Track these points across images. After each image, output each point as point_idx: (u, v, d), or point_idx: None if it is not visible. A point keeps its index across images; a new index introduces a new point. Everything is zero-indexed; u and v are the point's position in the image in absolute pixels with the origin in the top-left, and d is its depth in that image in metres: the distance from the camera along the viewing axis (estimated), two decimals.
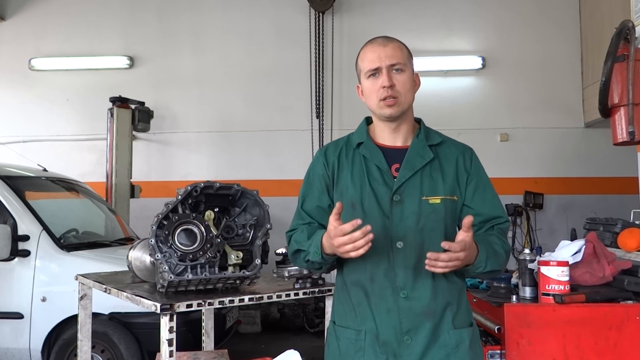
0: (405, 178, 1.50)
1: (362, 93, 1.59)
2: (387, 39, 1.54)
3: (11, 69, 6.45)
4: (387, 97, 1.49)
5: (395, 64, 1.50)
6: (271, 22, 6.33)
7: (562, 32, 6.12)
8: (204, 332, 2.72)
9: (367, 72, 1.52)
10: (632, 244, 2.42)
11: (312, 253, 1.48)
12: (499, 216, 1.57)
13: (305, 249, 1.51)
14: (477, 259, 1.42)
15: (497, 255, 1.48)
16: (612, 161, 5.75)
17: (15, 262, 3.43)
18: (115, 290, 1.97)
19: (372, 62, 1.51)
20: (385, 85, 1.48)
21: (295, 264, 1.62)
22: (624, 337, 2.03)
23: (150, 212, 2.07)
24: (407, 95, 1.52)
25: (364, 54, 1.55)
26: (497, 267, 1.49)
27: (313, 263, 1.51)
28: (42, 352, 3.38)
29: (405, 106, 1.52)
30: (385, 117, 1.54)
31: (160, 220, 1.76)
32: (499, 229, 1.56)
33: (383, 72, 1.49)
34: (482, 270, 1.46)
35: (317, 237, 1.47)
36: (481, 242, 1.46)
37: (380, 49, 1.51)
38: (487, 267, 1.45)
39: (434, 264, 1.34)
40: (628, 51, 2.63)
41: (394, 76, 1.50)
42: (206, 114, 6.30)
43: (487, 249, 1.46)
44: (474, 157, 1.61)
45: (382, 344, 1.47)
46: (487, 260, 1.45)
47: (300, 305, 5.56)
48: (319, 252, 1.45)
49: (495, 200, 1.59)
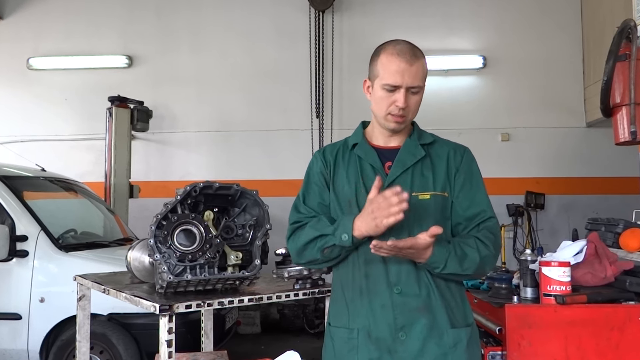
0: (396, 175, 1.53)
1: (369, 90, 1.59)
2: (414, 55, 1.52)
3: (9, 68, 6.44)
4: (397, 115, 1.52)
5: (415, 86, 1.51)
6: (271, 21, 6.32)
7: (563, 31, 6.11)
8: (203, 333, 2.71)
9: (385, 84, 1.51)
10: (634, 244, 2.41)
11: (338, 236, 1.47)
12: (483, 212, 1.55)
13: (329, 233, 1.50)
14: (431, 258, 1.42)
15: (465, 260, 1.46)
16: (613, 161, 5.74)
17: (13, 263, 3.42)
18: (114, 291, 1.96)
19: (394, 78, 1.49)
20: (400, 106, 1.50)
21: (303, 255, 1.56)
22: (625, 338, 2.02)
23: (149, 212, 2.06)
24: (414, 113, 1.57)
25: (388, 63, 1.51)
26: (461, 270, 1.47)
27: (334, 249, 1.50)
28: (41, 353, 3.37)
29: (409, 122, 1.58)
30: (388, 130, 1.58)
31: (159, 220, 1.75)
32: (485, 229, 1.53)
33: (402, 92, 1.50)
34: (440, 271, 1.46)
35: (346, 220, 1.47)
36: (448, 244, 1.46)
37: (405, 67, 1.49)
38: (447, 269, 1.45)
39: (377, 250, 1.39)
40: (630, 50, 2.62)
41: (409, 97, 1.51)
42: (205, 114, 6.29)
43: (450, 251, 1.45)
44: (466, 154, 1.61)
45: (376, 340, 1.48)
46: (446, 262, 1.44)
47: (300, 306, 5.55)
48: (349, 235, 1.45)
49: (480, 196, 1.57)
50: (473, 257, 1.47)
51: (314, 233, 1.53)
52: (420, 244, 1.38)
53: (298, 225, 1.59)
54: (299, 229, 1.58)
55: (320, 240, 1.51)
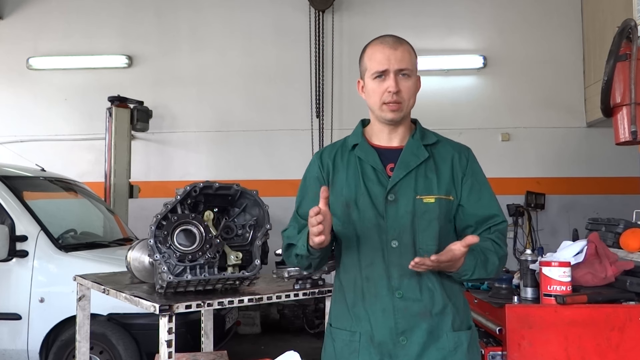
0: (399, 177, 1.50)
1: (363, 90, 1.58)
2: (398, 41, 1.52)
3: (9, 68, 6.43)
4: (391, 102, 1.49)
5: (403, 69, 1.49)
6: (271, 21, 6.31)
7: (564, 31, 6.10)
8: (203, 333, 2.71)
9: (373, 72, 1.50)
10: (634, 244, 2.41)
11: (299, 246, 1.49)
12: (495, 216, 1.54)
13: (295, 242, 1.53)
14: (462, 267, 1.42)
15: (488, 264, 1.47)
16: (614, 161, 5.74)
17: (13, 263, 3.41)
18: (114, 291, 1.95)
19: (380, 63, 1.49)
20: (392, 91, 1.48)
21: (288, 261, 1.62)
22: (626, 338, 2.02)
23: (149, 212, 2.06)
24: (411, 101, 1.53)
25: (373, 53, 1.52)
26: (485, 275, 1.49)
27: (301, 258, 1.51)
28: (40, 353, 3.36)
29: (407, 111, 1.53)
30: (386, 120, 1.54)
31: (159, 220, 1.74)
32: (497, 231, 1.53)
33: (390, 76, 1.48)
34: (467, 278, 1.47)
35: (306, 230, 1.47)
36: (473, 250, 1.45)
37: (390, 52, 1.49)
38: (474, 275, 1.46)
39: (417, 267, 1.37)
40: (630, 50, 2.62)
41: (400, 81, 1.49)
42: (205, 114, 6.28)
43: (477, 258, 1.45)
44: (471, 156, 1.60)
45: (377, 344, 1.47)
46: (474, 269, 1.45)
47: (300, 306, 5.55)
48: (305, 245, 1.46)
49: (491, 200, 1.56)
50: (493, 261, 1.48)
51: (287, 241, 1.59)
52: (458, 255, 1.36)
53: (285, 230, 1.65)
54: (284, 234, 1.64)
55: (293, 248, 1.55)
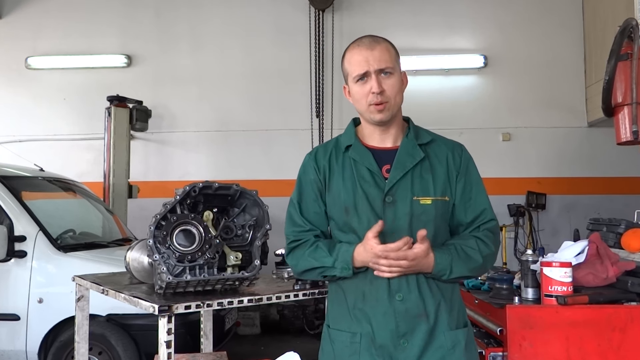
0: (396, 179, 1.49)
1: (349, 94, 1.57)
2: (374, 41, 1.51)
3: (7, 67, 6.42)
4: (376, 102, 1.48)
5: (384, 68, 1.48)
6: (271, 20, 6.30)
7: (565, 30, 6.10)
8: (203, 333, 2.70)
9: (355, 76, 1.50)
10: (635, 244, 2.40)
11: (339, 269, 1.47)
12: (483, 215, 1.54)
13: (328, 265, 1.49)
14: (435, 266, 1.42)
15: (470, 261, 1.46)
16: (615, 161, 5.74)
17: (11, 263, 3.41)
18: (113, 292, 1.94)
19: (359, 66, 1.48)
20: (375, 92, 1.47)
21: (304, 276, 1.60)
22: (627, 339, 2.01)
23: (148, 212, 2.05)
24: (397, 98, 1.52)
25: (351, 57, 1.52)
26: (468, 272, 1.48)
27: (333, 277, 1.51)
28: (39, 354, 3.36)
29: (395, 109, 1.52)
30: (375, 122, 1.53)
31: (158, 220, 1.73)
32: (485, 229, 1.53)
33: (372, 77, 1.47)
34: (447, 277, 1.45)
35: (345, 252, 1.47)
36: (449, 247, 1.45)
37: (367, 53, 1.48)
38: (454, 273, 1.45)
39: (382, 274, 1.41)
40: (632, 50, 2.60)
41: (383, 80, 1.48)
42: (205, 113, 6.28)
43: (451, 255, 1.45)
44: (464, 154, 1.59)
45: (378, 347, 1.46)
46: (451, 267, 1.44)
47: (300, 306, 5.54)
48: (349, 267, 1.45)
49: (480, 198, 1.56)
50: (476, 259, 1.47)
51: (314, 263, 1.52)
52: (417, 252, 1.38)
53: (296, 245, 1.58)
54: (297, 249, 1.57)
55: (321, 270, 1.52)
